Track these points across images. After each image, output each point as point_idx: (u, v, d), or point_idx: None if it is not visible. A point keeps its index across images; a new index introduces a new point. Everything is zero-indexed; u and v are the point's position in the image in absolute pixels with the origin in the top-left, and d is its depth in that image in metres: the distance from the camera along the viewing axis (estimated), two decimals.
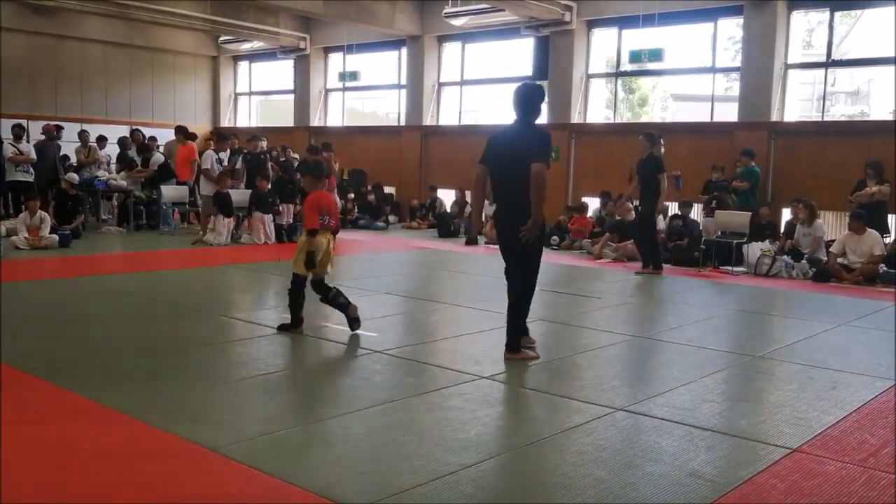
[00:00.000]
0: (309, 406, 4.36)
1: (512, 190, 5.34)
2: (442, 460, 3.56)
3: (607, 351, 5.83)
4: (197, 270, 9.70)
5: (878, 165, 10.87)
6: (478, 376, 4.97)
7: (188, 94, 21.01)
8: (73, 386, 4.51)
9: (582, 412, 4.31)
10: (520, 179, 5.22)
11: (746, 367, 5.47)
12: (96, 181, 14.19)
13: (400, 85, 18.24)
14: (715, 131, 13.64)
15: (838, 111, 17.20)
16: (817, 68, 13.19)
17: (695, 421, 4.19)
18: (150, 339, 5.92)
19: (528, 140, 5.32)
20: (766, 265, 10.35)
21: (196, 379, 4.87)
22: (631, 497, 3.22)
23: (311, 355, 5.70)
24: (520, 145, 5.30)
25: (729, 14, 13.58)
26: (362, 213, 16.28)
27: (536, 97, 5.47)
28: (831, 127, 13.26)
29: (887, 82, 12.73)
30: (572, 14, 14.67)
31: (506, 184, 5.40)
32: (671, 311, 7.81)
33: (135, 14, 16.42)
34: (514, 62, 16.92)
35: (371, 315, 6.90)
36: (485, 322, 6.73)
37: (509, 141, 5.42)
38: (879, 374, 5.25)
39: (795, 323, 7.32)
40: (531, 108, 5.43)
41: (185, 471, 3.43)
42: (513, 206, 5.36)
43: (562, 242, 13.09)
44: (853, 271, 9.80)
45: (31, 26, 17.37)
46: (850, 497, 3.29)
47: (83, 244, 11.56)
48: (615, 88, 16.03)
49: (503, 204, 5.47)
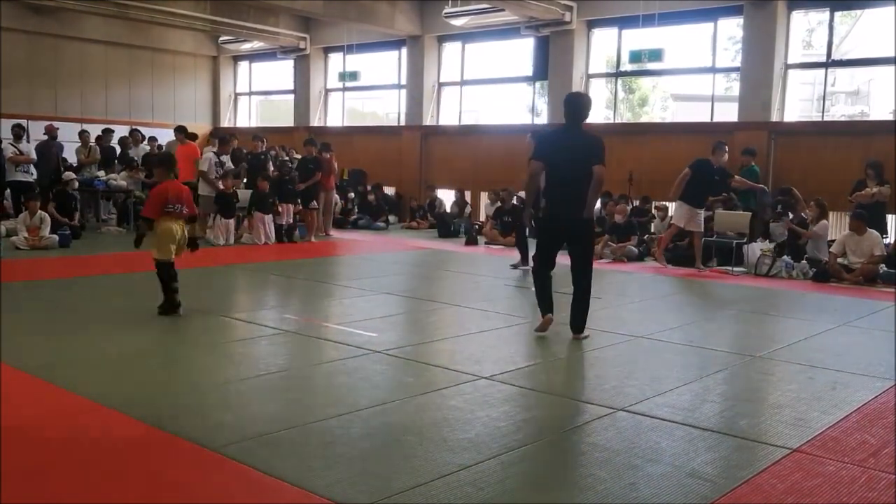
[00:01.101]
0: (309, 406, 4.36)
1: (573, 188, 5.90)
2: (442, 460, 3.56)
3: (607, 351, 5.83)
4: (197, 270, 9.70)
5: (879, 166, 10.87)
6: (478, 376, 4.97)
7: (188, 94, 21.01)
8: (72, 386, 4.51)
9: (582, 412, 4.31)
10: (581, 179, 5.85)
11: (746, 367, 5.47)
12: (96, 181, 14.19)
13: (400, 85, 18.24)
14: (715, 131, 13.62)
15: (838, 111, 17.21)
16: (817, 68, 13.19)
17: (695, 421, 4.19)
18: (149, 338, 5.92)
19: (590, 144, 5.97)
20: (766, 265, 10.35)
21: (196, 379, 4.87)
22: (631, 497, 3.22)
23: (311, 355, 5.70)
24: (583, 148, 5.91)
25: (729, 14, 13.58)
26: (362, 213, 16.28)
27: (588, 104, 6.13)
28: (831, 127, 13.27)
29: (887, 82, 12.73)
30: (572, 14, 14.67)
31: (568, 182, 5.94)
32: (671, 311, 7.81)
33: (135, 14, 16.40)
34: (514, 62, 16.93)
35: (371, 315, 6.91)
36: (485, 322, 6.73)
37: (570, 143, 5.98)
38: (879, 374, 5.24)
39: (795, 323, 7.32)
40: (584, 115, 6.06)
41: (185, 471, 3.43)
42: (574, 203, 5.90)
43: None
44: (853, 271, 9.80)
45: (31, 26, 17.37)
46: (850, 497, 3.29)
47: (83, 244, 11.56)
48: (615, 88, 16.04)
49: (561, 202, 5.98)
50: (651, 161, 14.04)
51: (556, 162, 5.96)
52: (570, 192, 5.92)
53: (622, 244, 11.67)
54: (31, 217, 10.98)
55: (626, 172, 14.02)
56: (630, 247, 11.65)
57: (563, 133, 6.17)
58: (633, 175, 13.90)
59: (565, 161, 5.93)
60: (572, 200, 5.91)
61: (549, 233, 6.16)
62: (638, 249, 11.72)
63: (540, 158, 6.03)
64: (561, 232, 6.08)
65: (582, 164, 5.86)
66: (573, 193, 5.90)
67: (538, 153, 6.07)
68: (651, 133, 15.14)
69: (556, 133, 6.19)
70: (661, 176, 13.88)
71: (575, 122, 6.02)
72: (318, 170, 13.27)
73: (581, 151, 5.90)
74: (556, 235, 6.15)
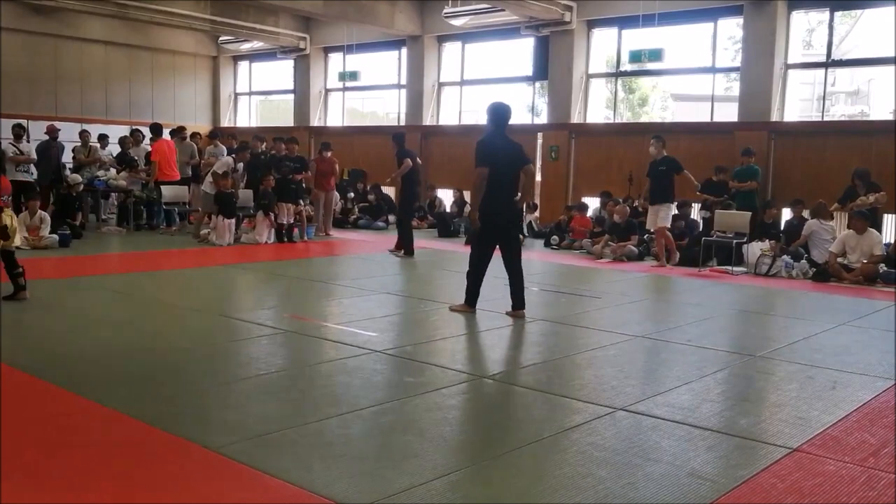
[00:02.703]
0: (309, 406, 4.35)
1: (511, 188, 6.79)
2: (442, 460, 3.56)
3: (607, 351, 5.83)
4: (197, 270, 9.70)
5: (866, 174, 10.87)
6: (478, 376, 4.97)
7: (188, 94, 21.01)
8: (73, 386, 4.51)
9: (582, 412, 4.31)
10: (514, 179, 6.79)
11: (746, 367, 5.47)
12: (96, 181, 14.19)
13: (400, 85, 18.24)
14: (715, 131, 13.65)
15: (838, 111, 17.22)
16: (817, 68, 13.20)
17: (695, 421, 4.18)
18: (150, 338, 5.92)
19: (518, 147, 6.92)
20: (766, 265, 10.35)
21: (196, 379, 4.87)
22: (631, 497, 3.22)
23: (311, 355, 5.70)
24: (515, 152, 6.81)
25: (729, 14, 13.58)
26: (362, 213, 16.27)
27: (510, 111, 7.01)
28: (831, 127, 13.27)
29: (887, 82, 12.74)
30: (572, 14, 14.67)
31: (506, 184, 6.72)
32: (671, 311, 7.80)
33: (135, 14, 16.41)
34: (514, 62, 16.93)
35: (371, 315, 6.91)
36: (485, 322, 6.73)
37: (505, 149, 6.75)
38: (879, 374, 5.25)
39: (795, 323, 7.32)
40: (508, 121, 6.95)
41: (186, 471, 3.43)
42: (511, 202, 6.84)
43: (562, 242, 13.09)
44: (853, 271, 9.80)
45: (31, 26, 17.37)
46: (850, 497, 3.29)
47: (83, 244, 11.56)
48: (615, 88, 16.03)
49: (505, 202, 6.76)
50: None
51: (498, 166, 6.65)
52: (509, 192, 6.79)
53: (622, 244, 11.68)
54: (31, 217, 10.97)
55: (626, 173, 14.03)
56: (630, 247, 11.65)
57: (498, 139, 6.81)
58: (633, 175, 13.91)
59: (504, 165, 6.69)
60: (511, 199, 6.82)
61: (495, 230, 6.82)
62: (638, 249, 11.73)
63: (486, 164, 6.65)
64: (502, 228, 6.83)
65: (515, 166, 6.77)
66: (511, 193, 6.81)
67: (485, 160, 6.67)
68: (651, 133, 15.10)
69: (494, 140, 6.77)
70: None
71: (502, 129, 6.84)
72: (304, 169, 13.47)
73: (513, 155, 6.78)
74: (499, 232, 6.85)
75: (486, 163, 6.65)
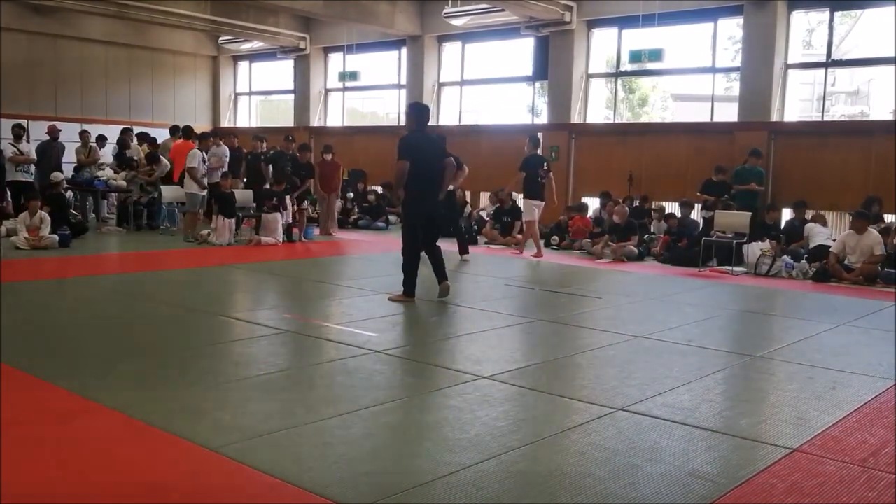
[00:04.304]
0: (309, 406, 4.35)
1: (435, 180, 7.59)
2: (442, 460, 3.56)
3: (607, 351, 5.83)
4: (197, 270, 9.70)
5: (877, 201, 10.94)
6: (478, 376, 4.97)
7: (188, 94, 21.01)
8: (73, 386, 4.51)
9: (582, 412, 4.31)
10: (437, 172, 7.61)
11: (746, 367, 5.47)
12: (96, 181, 14.18)
13: (400, 85, 18.23)
14: (715, 131, 13.64)
15: (838, 111, 17.22)
16: (817, 68, 13.19)
17: (695, 421, 4.18)
18: (150, 338, 5.92)
19: (439, 143, 8.00)
20: (766, 265, 10.35)
21: (196, 379, 4.86)
22: (631, 497, 3.22)
23: (311, 355, 5.70)
24: (436, 147, 7.72)
25: (729, 14, 13.58)
26: (362, 213, 16.27)
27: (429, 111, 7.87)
28: (831, 127, 13.26)
29: (887, 82, 12.73)
30: (572, 14, 14.67)
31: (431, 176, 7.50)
32: (671, 311, 7.80)
33: (135, 14, 16.39)
34: (514, 62, 16.93)
35: (371, 315, 6.91)
36: (484, 322, 6.73)
37: (427, 145, 7.52)
38: (879, 374, 5.24)
39: (795, 323, 7.32)
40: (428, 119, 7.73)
41: (185, 471, 3.43)
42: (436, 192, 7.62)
43: (562, 242, 13.09)
44: (853, 271, 9.80)
45: (31, 26, 17.36)
46: (850, 497, 3.29)
47: (83, 244, 11.56)
48: (615, 88, 16.03)
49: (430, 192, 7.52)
50: (651, 161, 14.06)
51: (421, 160, 7.31)
52: (433, 183, 7.55)
53: (622, 244, 11.68)
54: (31, 217, 10.97)
55: (626, 172, 14.04)
56: (630, 247, 11.65)
57: (420, 136, 7.49)
58: (633, 175, 13.91)
59: (428, 159, 7.42)
60: (435, 190, 7.58)
61: (422, 218, 7.55)
62: (638, 249, 11.73)
63: (407, 158, 7.26)
64: (425, 216, 7.53)
65: (438, 160, 7.63)
66: (435, 184, 7.57)
67: (407, 154, 7.27)
68: (651, 133, 15.13)
69: (416, 137, 7.43)
70: (661, 176, 13.91)
71: (424, 127, 7.59)
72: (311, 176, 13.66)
73: (435, 150, 7.64)
74: (426, 220, 7.57)
75: (407, 157, 7.26)
